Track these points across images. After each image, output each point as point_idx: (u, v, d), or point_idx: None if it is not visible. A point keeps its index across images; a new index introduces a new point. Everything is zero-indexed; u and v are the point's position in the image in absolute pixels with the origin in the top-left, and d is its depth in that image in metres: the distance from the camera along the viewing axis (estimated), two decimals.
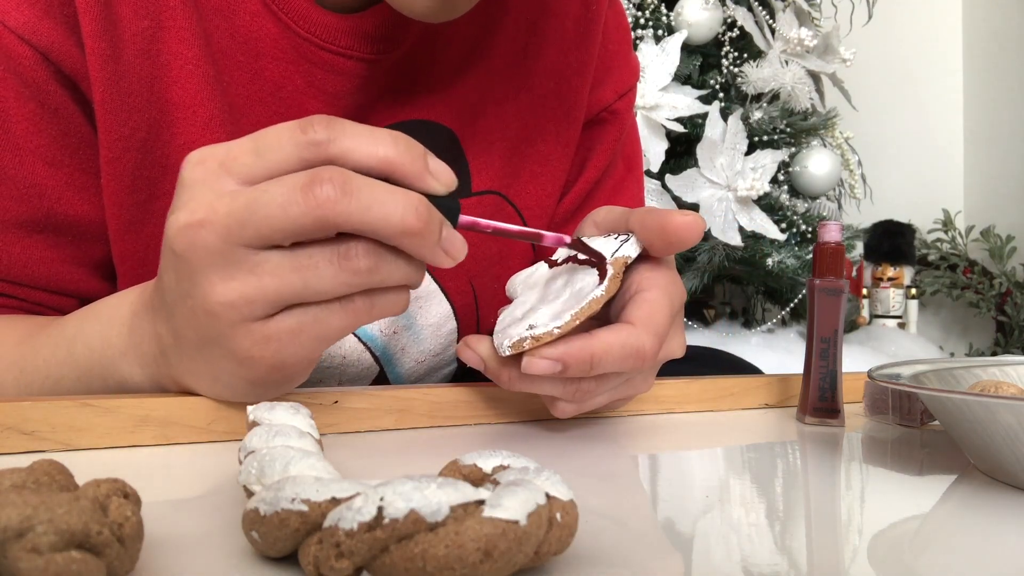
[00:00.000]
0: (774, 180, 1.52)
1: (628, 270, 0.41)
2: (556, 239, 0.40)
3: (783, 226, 1.51)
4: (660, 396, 0.51)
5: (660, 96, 1.39)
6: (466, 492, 0.21)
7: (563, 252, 0.44)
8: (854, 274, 1.81)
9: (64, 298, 0.52)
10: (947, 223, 2.14)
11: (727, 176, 1.42)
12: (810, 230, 1.54)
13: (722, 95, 1.49)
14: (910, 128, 2.20)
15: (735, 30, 1.52)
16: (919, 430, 0.50)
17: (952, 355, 2.13)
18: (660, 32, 1.45)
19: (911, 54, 2.20)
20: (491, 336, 0.41)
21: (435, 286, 0.58)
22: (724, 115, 1.44)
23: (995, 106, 2.18)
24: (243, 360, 0.34)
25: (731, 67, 1.52)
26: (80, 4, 0.46)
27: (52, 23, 0.46)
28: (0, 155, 0.47)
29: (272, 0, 0.50)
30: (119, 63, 0.47)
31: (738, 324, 1.65)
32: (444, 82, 0.56)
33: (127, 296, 0.41)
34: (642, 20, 1.46)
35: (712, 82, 1.50)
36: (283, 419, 0.30)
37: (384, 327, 0.57)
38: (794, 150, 1.60)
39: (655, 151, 1.38)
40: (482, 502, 0.21)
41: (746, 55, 1.53)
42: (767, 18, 1.53)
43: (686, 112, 1.40)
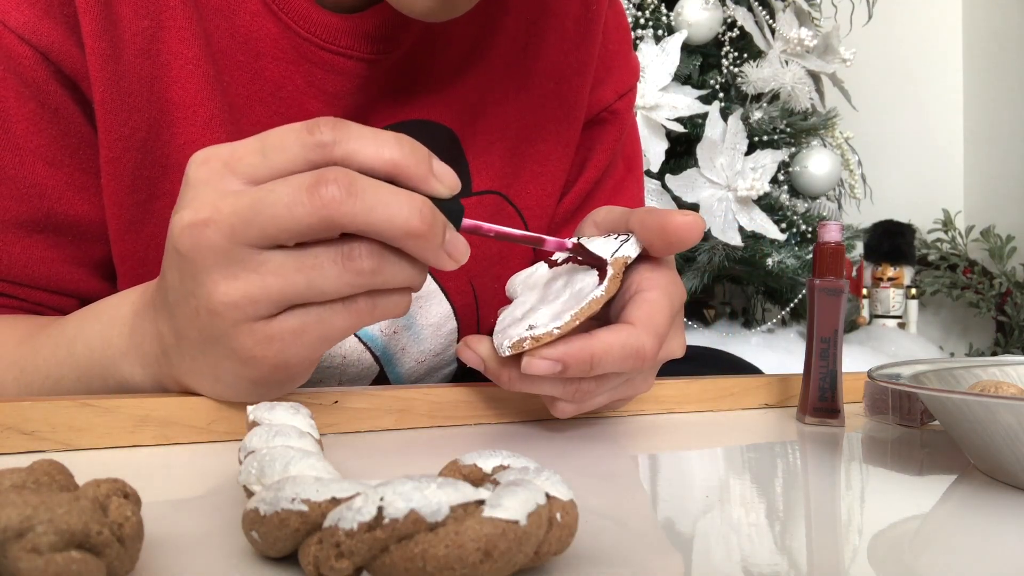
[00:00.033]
0: (774, 180, 1.52)
1: (628, 270, 0.41)
2: (558, 244, 0.40)
3: (783, 226, 1.51)
4: (660, 396, 0.51)
5: (660, 96, 1.39)
6: (466, 492, 0.21)
7: (563, 253, 0.44)
8: (854, 274, 1.81)
9: (64, 298, 0.52)
10: (947, 223, 2.14)
11: (727, 176, 1.42)
12: (810, 230, 1.54)
13: (722, 95, 1.49)
14: (910, 128, 2.20)
15: (735, 30, 1.52)
16: (919, 430, 0.50)
17: (952, 355, 2.13)
18: (660, 32, 1.45)
19: (911, 54, 2.20)
20: (491, 336, 0.41)
21: (435, 286, 0.58)
22: (724, 115, 1.44)
23: (995, 106, 2.18)
24: (246, 360, 0.34)
25: (731, 67, 1.52)
26: (80, 4, 0.46)
27: (52, 23, 0.46)
28: (0, 155, 0.47)
29: (272, 0, 0.50)
30: (119, 63, 0.47)
31: (738, 324, 1.65)
32: (444, 82, 0.56)
33: (128, 296, 0.41)
34: (642, 20, 1.46)
35: (712, 82, 1.50)
36: (283, 419, 0.30)
37: (384, 327, 0.57)
38: (794, 150, 1.60)
39: (655, 151, 1.38)
40: (482, 502, 0.21)
41: (746, 55, 1.53)
42: (767, 18, 1.53)
43: (686, 112, 1.40)
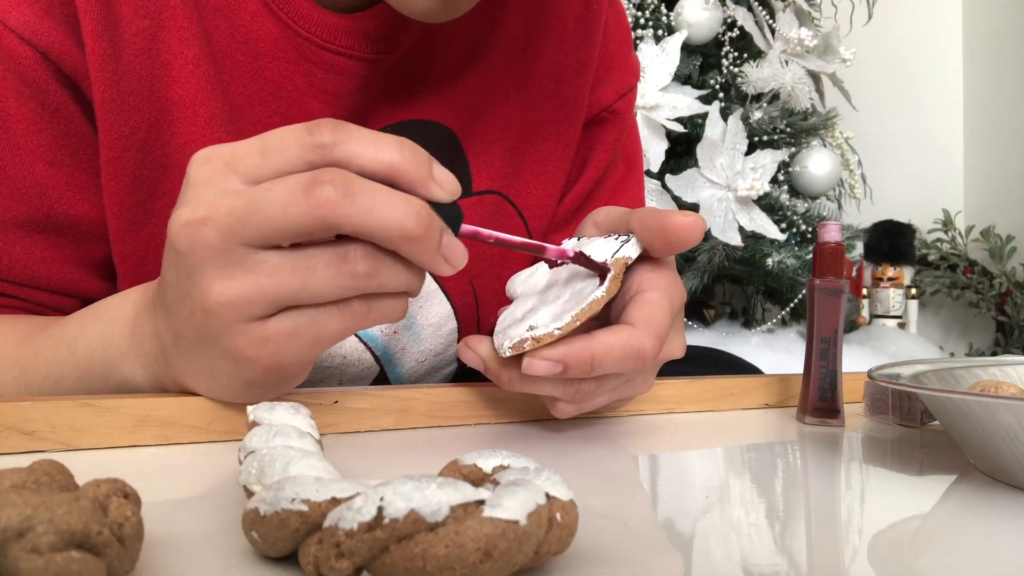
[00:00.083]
0: (774, 180, 1.52)
1: (628, 271, 0.41)
2: (559, 252, 0.40)
3: (783, 226, 1.51)
4: (660, 396, 0.51)
5: (660, 96, 1.39)
6: (466, 492, 0.21)
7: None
8: (854, 274, 1.81)
9: (64, 298, 0.52)
10: (947, 223, 2.14)
11: (727, 176, 1.42)
12: (810, 230, 1.54)
13: (722, 95, 1.49)
14: (910, 128, 2.20)
15: (735, 30, 1.52)
16: (919, 430, 0.50)
17: (952, 355, 2.13)
18: (660, 32, 1.45)
19: (911, 54, 2.20)
20: (491, 336, 0.41)
21: (435, 286, 0.58)
22: (724, 115, 1.44)
23: (995, 106, 2.18)
24: (240, 360, 0.34)
25: (731, 67, 1.52)
26: (80, 3, 0.46)
27: (52, 22, 0.46)
28: (0, 155, 0.47)
29: (272, 0, 0.50)
30: (119, 62, 0.47)
31: (738, 324, 1.65)
32: (444, 82, 0.56)
33: (129, 296, 0.41)
34: (642, 20, 1.46)
35: (712, 82, 1.50)
36: (283, 419, 0.30)
37: (384, 327, 0.57)
38: (794, 150, 1.60)
39: (655, 151, 1.38)
40: (482, 502, 0.21)
41: (746, 55, 1.53)
42: (767, 18, 1.53)
43: (686, 112, 1.40)
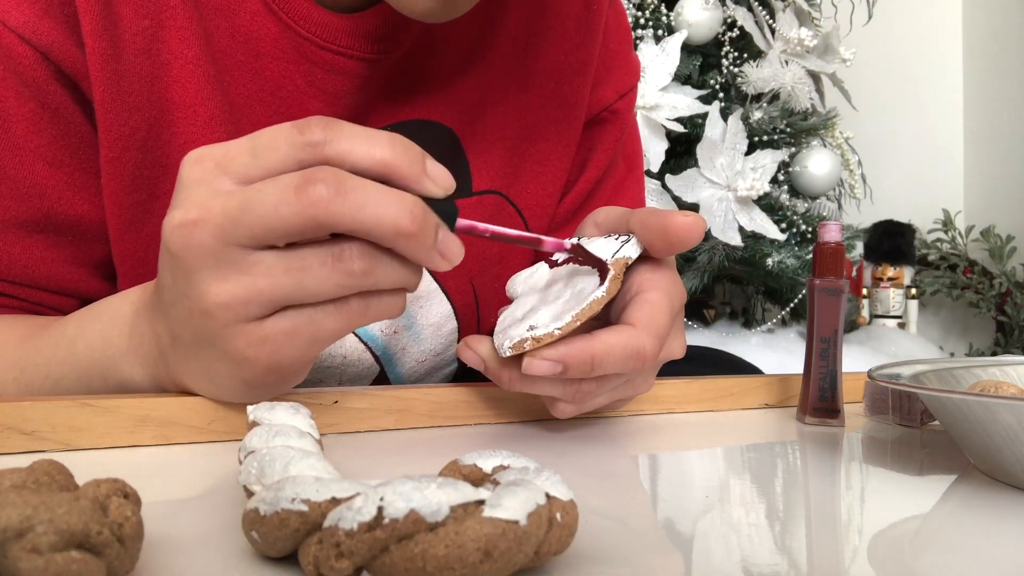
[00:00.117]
0: (774, 180, 1.52)
1: (629, 271, 0.41)
2: (556, 245, 0.40)
3: (783, 226, 1.51)
4: (660, 396, 0.51)
5: (660, 96, 1.39)
6: (466, 492, 0.21)
7: (563, 254, 0.44)
8: (854, 274, 1.81)
9: (64, 298, 0.52)
10: (947, 223, 2.14)
11: (727, 176, 1.42)
12: (810, 230, 1.54)
13: (722, 95, 1.49)
14: (910, 128, 2.20)
15: (735, 30, 1.52)
16: (919, 430, 0.50)
17: (952, 355, 2.13)
18: (660, 32, 1.45)
19: (911, 54, 2.20)
20: (491, 336, 0.41)
21: (435, 286, 0.58)
22: (724, 115, 1.44)
23: (995, 106, 2.18)
24: (238, 361, 0.34)
25: (731, 67, 1.52)
26: (80, 3, 0.46)
27: (52, 22, 0.46)
28: (0, 155, 0.47)
29: (272, 0, 0.50)
30: (119, 62, 0.47)
31: (738, 324, 1.65)
32: (444, 82, 0.56)
33: (129, 296, 0.41)
34: (642, 20, 1.46)
35: (712, 82, 1.50)
36: (283, 419, 0.30)
37: (384, 327, 0.57)
38: (794, 150, 1.60)
39: (655, 151, 1.38)
40: (482, 502, 0.21)
41: (746, 55, 1.53)
42: (767, 18, 1.53)
43: (686, 112, 1.40)
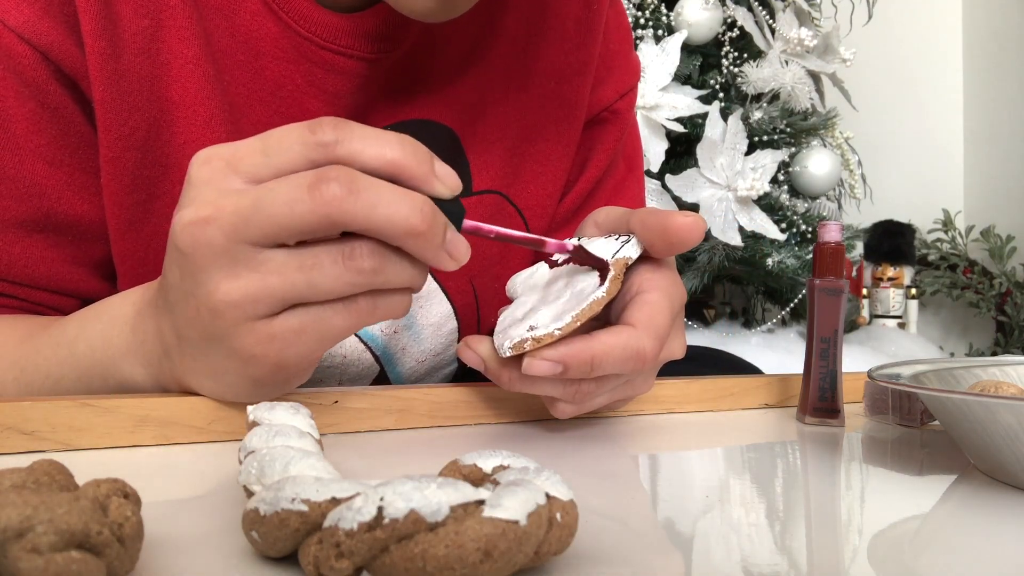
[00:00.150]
0: (774, 180, 1.52)
1: (629, 271, 0.41)
2: (558, 246, 0.40)
3: (783, 226, 1.51)
4: (660, 396, 0.51)
5: (660, 96, 1.39)
6: (466, 492, 0.21)
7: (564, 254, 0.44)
8: (854, 274, 1.81)
9: (64, 298, 0.52)
10: (947, 223, 2.14)
11: (727, 176, 1.42)
12: (810, 230, 1.54)
13: (722, 95, 1.49)
14: (910, 128, 2.20)
15: (735, 30, 1.52)
16: (919, 430, 0.50)
17: (952, 355, 2.13)
18: (660, 32, 1.45)
19: (911, 54, 2.20)
20: (491, 336, 0.41)
21: (435, 285, 0.58)
22: (724, 115, 1.44)
23: (995, 106, 2.18)
24: (246, 359, 0.34)
25: (731, 67, 1.52)
26: (80, 3, 0.46)
27: (52, 22, 0.46)
28: (0, 155, 0.47)
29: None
30: (119, 62, 0.47)
31: (738, 324, 1.65)
32: (444, 82, 0.56)
33: (130, 296, 0.41)
34: (642, 20, 1.46)
35: (712, 82, 1.50)
36: (283, 419, 0.30)
37: (385, 327, 0.57)
38: (794, 150, 1.60)
39: (655, 151, 1.38)
40: (482, 502, 0.21)
41: (746, 55, 1.53)
42: (767, 18, 1.53)
43: (686, 112, 1.40)
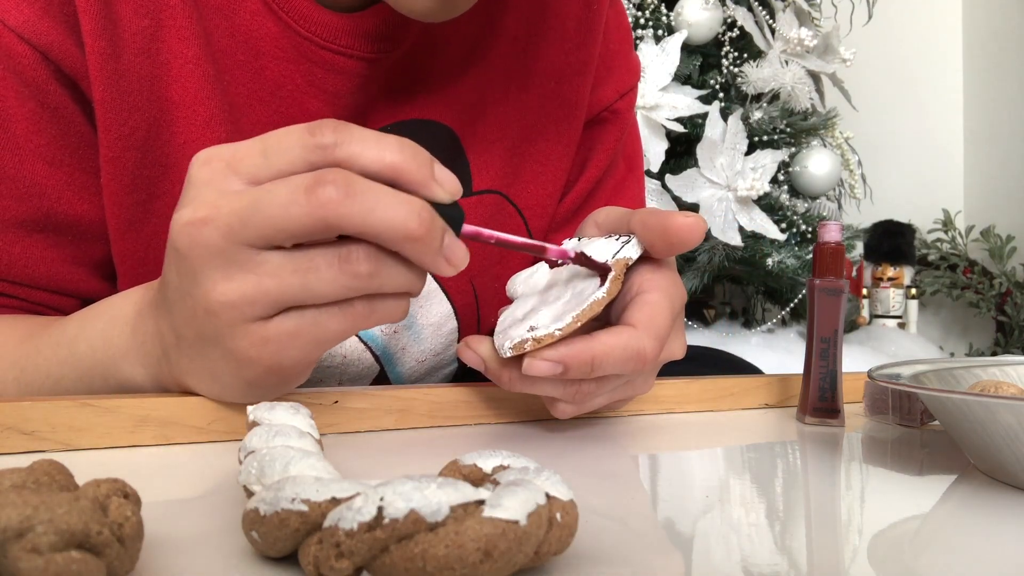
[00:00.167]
0: (774, 180, 1.52)
1: (629, 271, 0.41)
2: (560, 253, 0.39)
3: (783, 226, 1.51)
4: (660, 396, 0.51)
5: (660, 96, 1.39)
6: (466, 492, 0.21)
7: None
8: (854, 274, 1.81)
9: (64, 298, 0.52)
10: (947, 223, 2.14)
11: (727, 176, 1.42)
12: (810, 230, 1.54)
13: (722, 95, 1.49)
14: (910, 128, 2.20)
15: (735, 30, 1.52)
16: (919, 430, 0.50)
17: (952, 355, 2.13)
18: (660, 32, 1.45)
19: (911, 54, 2.20)
20: (492, 336, 0.41)
21: (436, 285, 0.58)
22: (724, 115, 1.44)
23: (995, 106, 2.18)
24: (241, 361, 0.34)
25: (731, 67, 1.52)
26: (80, 3, 0.46)
27: (52, 22, 0.46)
28: (0, 155, 0.47)
29: None
30: (119, 62, 0.47)
31: (738, 324, 1.65)
32: (444, 81, 0.56)
33: (130, 295, 0.41)
34: (642, 20, 1.46)
35: (712, 82, 1.50)
36: (283, 419, 0.30)
37: (385, 327, 0.57)
38: (794, 150, 1.60)
39: (655, 151, 1.38)
40: (482, 502, 0.21)
41: (746, 55, 1.53)
42: (767, 18, 1.53)
43: (686, 112, 1.40)
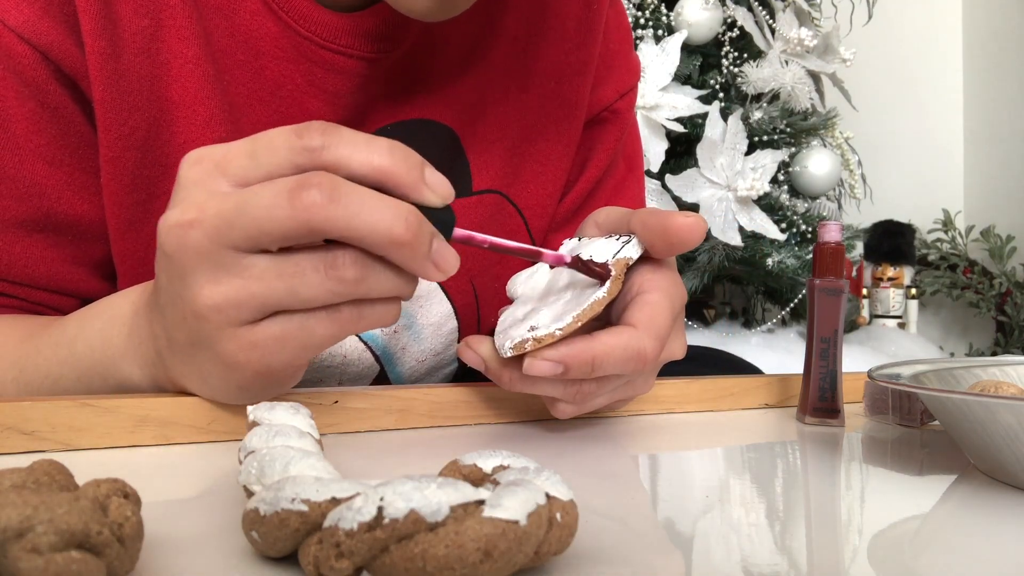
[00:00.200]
0: (774, 180, 1.52)
1: (629, 271, 0.41)
2: (556, 258, 0.39)
3: (783, 226, 1.51)
4: (660, 396, 0.51)
5: (660, 96, 1.39)
6: (466, 492, 0.21)
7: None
8: (854, 274, 1.81)
9: (64, 298, 0.52)
10: (947, 223, 2.14)
11: (727, 176, 1.42)
12: (810, 230, 1.54)
13: (722, 95, 1.49)
14: (910, 128, 2.20)
15: (735, 30, 1.52)
16: (919, 430, 0.50)
17: (952, 355, 2.13)
18: (660, 32, 1.45)
19: (911, 54, 2.20)
20: (492, 336, 0.41)
21: (435, 285, 0.58)
22: (724, 115, 1.44)
23: (995, 106, 2.18)
24: (229, 365, 0.34)
25: (731, 67, 1.52)
26: (80, 3, 0.46)
27: (51, 22, 0.46)
28: (0, 155, 0.47)
29: None
30: (119, 62, 0.47)
31: (738, 324, 1.65)
32: (445, 81, 0.56)
33: (129, 295, 0.41)
34: (642, 20, 1.46)
35: (712, 82, 1.50)
36: (283, 419, 0.30)
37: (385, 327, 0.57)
38: (794, 150, 1.60)
39: (655, 151, 1.38)
40: (482, 502, 0.21)
41: (746, 55, 1.53)
42: (767, 18, 1.53)
43: (686, 112, 1.40)
